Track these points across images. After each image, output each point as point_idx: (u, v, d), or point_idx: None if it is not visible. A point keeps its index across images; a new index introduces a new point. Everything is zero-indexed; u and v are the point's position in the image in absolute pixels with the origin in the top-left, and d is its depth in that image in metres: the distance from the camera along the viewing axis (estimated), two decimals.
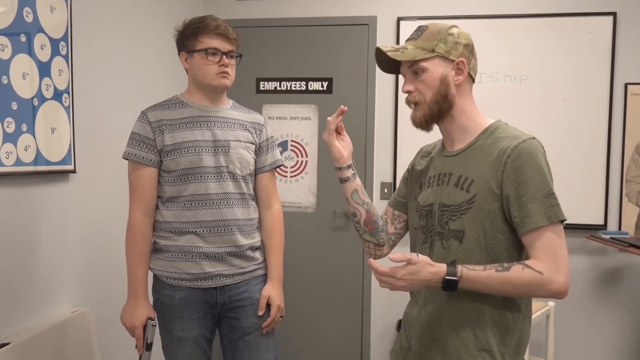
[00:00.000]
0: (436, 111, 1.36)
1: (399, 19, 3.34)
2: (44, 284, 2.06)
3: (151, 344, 1.73)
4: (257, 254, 1.93)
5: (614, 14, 3.10)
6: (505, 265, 1.24)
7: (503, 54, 3.23)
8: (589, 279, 3.21)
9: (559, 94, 3.18)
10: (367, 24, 3.39)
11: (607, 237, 2.97)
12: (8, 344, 1.77)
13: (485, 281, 1.23)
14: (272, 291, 1.89)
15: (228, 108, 1.93)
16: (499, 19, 3.23)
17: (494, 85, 3.25)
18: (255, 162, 1.93)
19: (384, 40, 3.36)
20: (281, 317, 1.90)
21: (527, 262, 1.23)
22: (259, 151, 1.94)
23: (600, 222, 3.15)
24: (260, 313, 1.86)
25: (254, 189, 1.94)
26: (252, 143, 1.91)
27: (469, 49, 1.38)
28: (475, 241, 1.30)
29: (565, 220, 1.25)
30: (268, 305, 1.88)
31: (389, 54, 1.36)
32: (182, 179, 1.82)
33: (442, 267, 1.23)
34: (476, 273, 1.23)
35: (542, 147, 1.32)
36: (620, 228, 3.15)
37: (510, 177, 1.26)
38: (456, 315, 1.33)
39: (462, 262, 1.28)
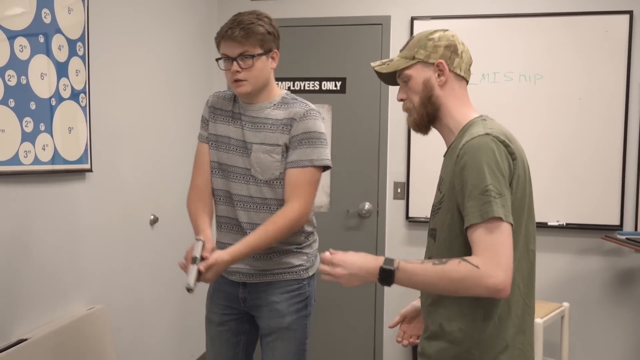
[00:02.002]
0: (424, 114, 1.40)
1: (412, 19, 3.33)
2: (61, 281, 2.09)
3: (195, 258, 1.64)
4: (285, 259, 1.85)
5: (630, 13, 3.07)
6: (444, 260, 1.23)
7: (518, 53, 3.21)
8: (605, 279, 3.19)
9: (574, 94, 3.16)
10: (381, 24, 3.39)
11: (623, 237, 2.94)
12: (27, 339, 1.81)
13: (422, 273, 1.22)
14: (219, 255, 1.67)
15: (269, 106, 1.82)
16: (513, 17, 3.21)
17: (509, 85, 3.24)
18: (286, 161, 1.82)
19: (398, 40, 3.36)
20: (199, 272, 1.65)
21: (466, 257, 1.21)
22: (289, 147, 1.79)
23: (616, 222, 3.12)
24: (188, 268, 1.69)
25: None
26: (278, 145, 1.78)
27: (451, 49, 1.40)
28: (444, 240, 1.32)
29: (500, 217, 1.18)
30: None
31: (376, 68, 1.46)
32: (214, 171, 1.87)
33: (380, 258, 1.26)
34: (413, 266, 1.23)
35: (496, 142, 1.26)
36: (636, 229, 3.12)
37: (458, 176, 1.27)
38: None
39: None
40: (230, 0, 3.57)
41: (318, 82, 3.49)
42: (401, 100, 1.45)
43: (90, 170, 2.20)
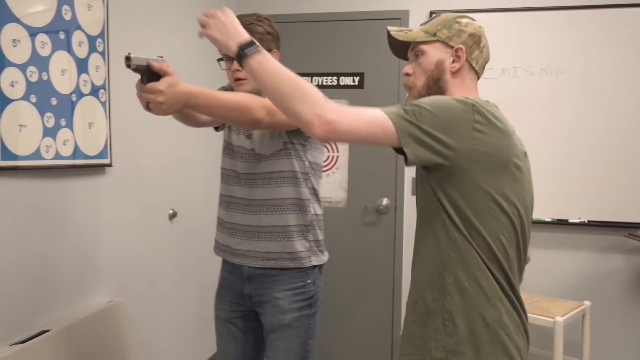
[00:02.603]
0: (425, 96, 1.36)
1: (431, 13, 3.30)
2: (82, 274, 2.13)
3: (132, 67, 1.36)
4: (289, 242, 1.81)
5: None
6: None
7: (539, 47, 3.17)
8: (627, 278, 3.13)
9: (598, 88, 3.11)
10: (400, 18, 3.37)
11: None
12: (48, 331, 1.84)
13: (279, 67, 1.24)
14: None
15: None
16: (534, 11, 3.17)
17: (529, 80, 3.20)
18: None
19: None
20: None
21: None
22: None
23: (639, 220, 3.07)
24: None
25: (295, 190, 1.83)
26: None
27: (475, 39, 1.35)
28: (423, 212, 1.35)
29: (387, 113, 1.19)
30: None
31: (392, 32, 1.39)
32: (224, 150, 1.91)
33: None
34: (276, 61, 1.26)
35: (463, 100, 1.22)
36: None
37: None
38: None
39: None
40: None
41: (336, 78, 3.49)
42: (406, 74, 1.40)
43: (110, 165, 2.23)
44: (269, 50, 1.82)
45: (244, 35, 1.30)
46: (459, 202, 1.23)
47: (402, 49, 1.44)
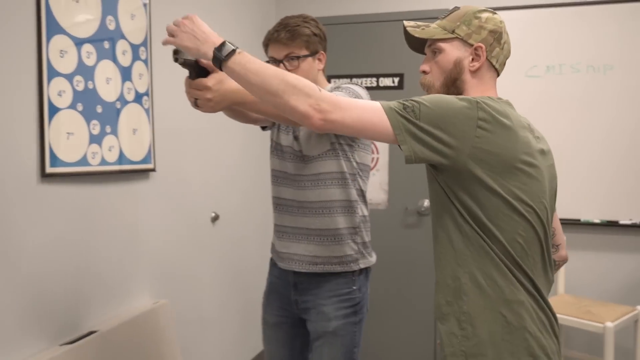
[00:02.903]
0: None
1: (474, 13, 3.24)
2: (127, 276, 2.19)
3: (180, 60, 1.37)
4: (337, 246, 1.80)
5: None
6: None
7: (585, 43, 3.07)
8: None
9: None
10: (452, 8, 3.32)
11: None
12: (96, 331, 1.90)
13: (260, 65, 1.21)
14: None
15: None
16: (580, 6, 3.07)
17: (576, 77, 3.10)
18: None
19: None
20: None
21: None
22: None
23: None
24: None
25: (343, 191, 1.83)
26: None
27: (495, 35, 1.29)
28: (434, 211, 1.33)
29: (382, 105, 1.18)
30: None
31: (408, 29, 1.34)
32: (273, 151, 1.90)
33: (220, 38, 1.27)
34: (255, 58, 1.23)
35: (468, 99, 1.19)
36: None
37: None
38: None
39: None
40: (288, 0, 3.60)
41: (375, 79, 3.47)
42: (423, 72, 1.35)
43: (153, 170, 2.28)
44: (316, 52, 1.81)
45: (215, 39, 1.26)
46: (469, 203, 1.19)
47: (419, 44, 1.39)
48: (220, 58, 1.23)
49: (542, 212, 1.24)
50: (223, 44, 1.24)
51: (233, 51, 1.23)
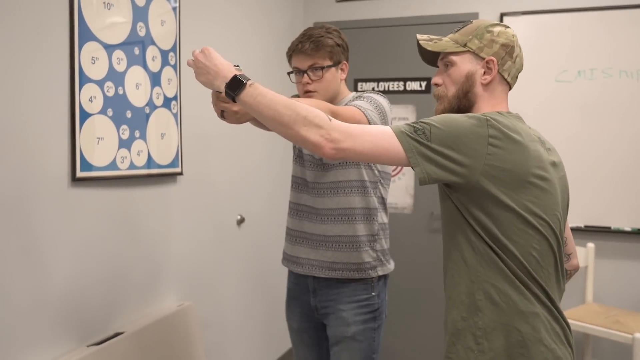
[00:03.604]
0: (455, 108, 1.33)
1: (502, 15, 3.21)
2: (153, 278, 2.22)
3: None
4: (355, 253, 1.81)
5: None
6: None
7: (618, 47, 3.00)
8: None
9: None
10: (464, 22, 3.29)
11: None
12: (122, 333, 1.93)
13: (271, 97, 1.23)
14: None
15: None
16: (612, 10, 3.00)
17: (608, 82, 3.04)
18: None
19: None
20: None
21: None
22: None
23: None
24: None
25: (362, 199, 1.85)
26: None
27: (507, 49, 1.31)
28: (445, 227, 1.34)
29: (394, 131, 1.20)
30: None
31: (421, 42, 1.37)
32: (296, 159, 1.94)
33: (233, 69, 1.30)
34: (267, 90, 1.25)
35: (477, 117, 1.20)
36: None
37: None
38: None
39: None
40: (315, 3, 3.60)
41: (402, 83, 3.45)
42: (436, 84, 1.37)
43: (181, 174, 2.31)
44: (339, 62, 1.84)
45: (227, 72, 1.30)
46: (483, 219, 1.20)
47: (432, 57, 1.41)
48: (231, 94, 1.28)
49: (556, 225, 1.25)
50: (234, 78, 1.28)
51: (244, 85, 1.26)
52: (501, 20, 3.20)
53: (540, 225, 1.21)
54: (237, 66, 1.38)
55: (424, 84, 3.40)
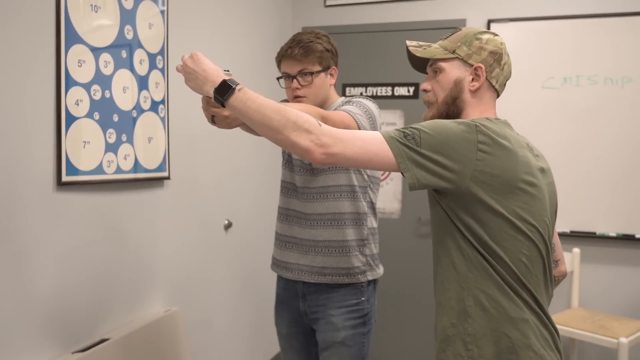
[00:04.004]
0: (444, 114, 1.34)
1: (489, 21, 3.23)
2: (140, 284, 2.20)
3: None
4: (345, 257, 1.81)
5: None
6: None
7: (603, 55, 3.04)
8: None
9: None
10: (453, 29, 3.31)
11: None
12: (108, 339, 1.91)
13: (260, 101, 1.23)
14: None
15: None
16: (597, 18, 3.04)
17: (593, 89, 3.07)
18: None
19: None
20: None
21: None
22: None
23: None
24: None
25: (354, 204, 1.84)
26: None
27: (495, 57, 1.32)
28: (434, 233, 1.35)
29: (384, 136, 1.20)
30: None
31: (410, 48, 1.38)
32: (285, 164, 1.93)
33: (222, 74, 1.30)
34: (256, 94, 1.25)
35: (466, 123, 1.20)
36: None
37: None
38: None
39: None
40: (304, 8, 3.61)
41: (390, 88, 3.46)
42: (425, 91, 1.38)
43: (168, 178, 2.29)
44: (328, 67, 1.84)
45: (216, 77, 1.30)
46: (473, 225, 1.21)
47: (422, 63, 1.43)
48: (220, 99, 1.27)
49: (544, 230, 1.25)
50: (223, 83, 1.27)
51: (233, 90, 1.26)
52: (488, 27, 3.22)
53: (530, 231, 1.22)
54: (227, 71, 1.38)
55: (412, 89, 3.42)
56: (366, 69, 3.51)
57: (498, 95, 1.37)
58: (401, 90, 3.44)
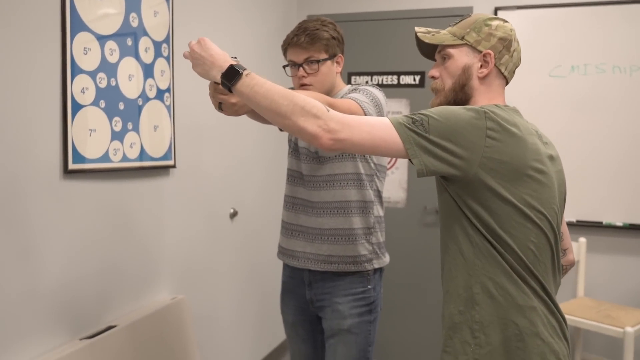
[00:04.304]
0: (451, 101, 1.33)
1: (496, 9, 3.20)
2: (146, 271, 2.21)
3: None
4: (351, 245, 1.81)
5: None
6: None
7: (611, 43, 3.01)
8: None
9: None
10: (463, 15, 3.28)
11: None
12: (115, 326, 1.92)
13: (268, 86, 1.22)
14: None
15: None
16: (606, 5, 3.01)
17: (601, 77, 3.04)
18: None
19: None
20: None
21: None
22: None
23: None
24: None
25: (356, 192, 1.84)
26: None
27: (505, 43, 1.30)
28: (442, 219, 1.34)
29: (392, 122, 1.19)
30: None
31: (419, 34, 1.36)
32: (291, 152, 1.93)
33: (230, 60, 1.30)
34: (263, 79, 1.25)
35: (476, 109, 1.20)
36: None
37: None
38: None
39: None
40: None
41: (396, 76, 3.44)
42: (432, 77, 1.37)
43: (174, 166, 2.29)
44: (335, 55, 1.83)
45: (223, 62, 1.29)
46: (481, 212, 1.20)
47: (430, 50, 1.41)
48: (227, 84, 1.27)
49: (553, 218, 1.25)
50: (230, 68, 1.27)
51: (240, 75, 1.25)
52: (495, 14, 3.18)
53: (538, 218, 1.21)
54: (235, 58, 1.37)
55: (417, 77, 3.40)
56: (371, 58, 3.49)
57: (507, 83, 1.36)
58: (407, 79, 3.42)
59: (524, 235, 1.20)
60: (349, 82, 3.54)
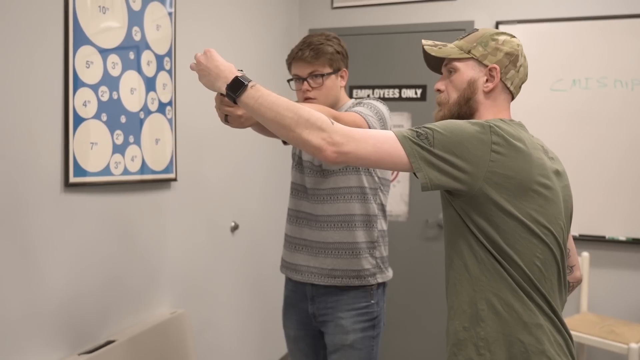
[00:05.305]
0: (456, 114, 1.32)
1: (497, 23, 3.22)
2: (146, 285, 2.19)
3: None
4: (355, 260, 1.80)
5: None
6: None
7: (613, 57, 3.01)
8: None
9: None
10: (464, 30, 3.29)
11: None
12: (114, 341, 1.90)
13: (272, 99, 1.22)
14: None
15: None
16: (607, 20, 3.02)
17: (602, 91, 3.04)
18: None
19: None
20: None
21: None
22: None
23: None
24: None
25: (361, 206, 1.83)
26: None
27: (511, 58, 1.30)
28: (446, 234, 1.34)
29: (396, 135, 1.18)
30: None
31: (425, 47, 1.36)
32: (295, 165, 1.92)
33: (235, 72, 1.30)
34: (268, 91, 1.25)
35: (481, 124, 1.18)
36: None
37: None
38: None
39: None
40: (311, 10, 3.60)
41: (398, 90, 3.45)
42: (438, 91, 1.37)
43: (175, 180, 2.29)
44: (339, 69, 1.84)
45: (229, 73, 1.29)
46: (486, 227, 1.19)
47: (437, 63, 1.41)
48: (232, 95, 1.27)
49: (559, 234, 1.23)
50: (235, 80, 1.27)
51: (245, 86, 1.25)
52: (496, 28, 3.21)
53: (544, 234, 1.20)
54: (241, 70, 1.38)
55: (419, 91, 3.40)
56: (373, 71, 3.50)
57: (513, 98, 1.35)
58: (409, 93, 3.43)
59: (530, 251, 1.19)
60: (350, 95, 3.54)
